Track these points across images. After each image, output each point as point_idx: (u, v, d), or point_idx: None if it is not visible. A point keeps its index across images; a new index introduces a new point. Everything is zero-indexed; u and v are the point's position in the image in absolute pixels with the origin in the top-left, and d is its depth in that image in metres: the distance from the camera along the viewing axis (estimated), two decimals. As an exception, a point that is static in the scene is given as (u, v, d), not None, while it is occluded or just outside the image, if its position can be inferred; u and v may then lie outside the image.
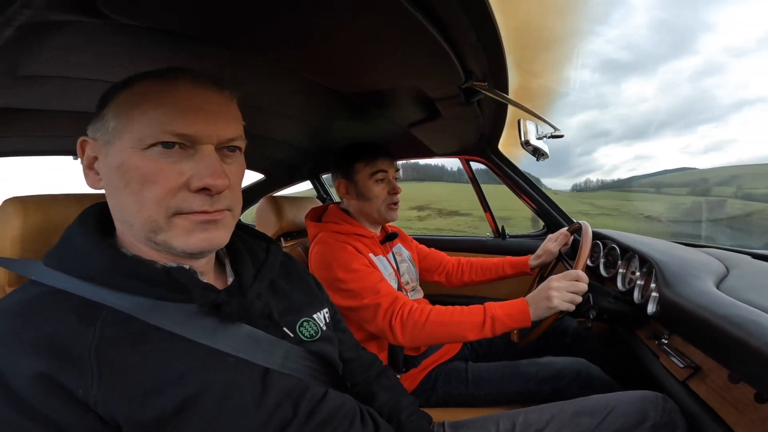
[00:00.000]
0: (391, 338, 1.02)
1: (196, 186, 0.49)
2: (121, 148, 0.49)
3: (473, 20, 0.62)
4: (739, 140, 52.67)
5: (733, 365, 0.66)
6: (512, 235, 1.89)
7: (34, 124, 0.89)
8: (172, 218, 0.50)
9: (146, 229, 0.50)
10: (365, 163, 1.21)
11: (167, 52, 0.65)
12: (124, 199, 0.50)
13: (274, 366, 0.56)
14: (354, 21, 0.57)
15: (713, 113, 51.24)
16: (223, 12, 0.53)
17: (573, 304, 0.93)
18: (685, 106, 51.14)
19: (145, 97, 0.49)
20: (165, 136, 0.48)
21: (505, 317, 0.94)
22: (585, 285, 0.94)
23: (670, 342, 0.88)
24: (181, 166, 0.49)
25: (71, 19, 0.48)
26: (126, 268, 0.50)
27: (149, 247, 0.53)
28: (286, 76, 0.81)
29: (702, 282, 0.84)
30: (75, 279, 0.49)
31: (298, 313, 0.67)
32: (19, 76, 0.64)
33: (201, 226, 0.51)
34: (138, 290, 0.50)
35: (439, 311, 1.00)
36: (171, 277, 0.51)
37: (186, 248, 0.51)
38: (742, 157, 57.51)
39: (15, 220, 0.61)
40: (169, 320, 0.50)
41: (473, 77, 0.81)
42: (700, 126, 53.07)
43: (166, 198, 0.49)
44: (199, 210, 0.50)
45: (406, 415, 0.76)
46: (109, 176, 0.51)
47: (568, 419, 0.79)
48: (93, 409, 0.43)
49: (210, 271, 0.61)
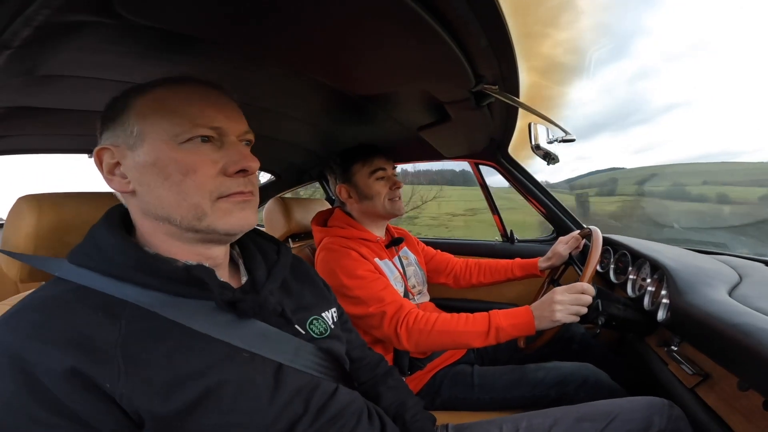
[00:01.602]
0: (397, 344, 1.03)
1: (233, 170, 0.55)
2: (153, 147, 0.53)
3: (484, 24, 0.62)
4: (668, 141, 49.76)
5: (743, 373, 0.65)
6: (521, 239, 1.88)
7: (50, 122, 0.91)
8: (216, 202, 0.55)
9: (191, 216, 0.54)
10: (362, 163, 1.22)
11: (181, 54, 0.66)
12: (164, 193, 0.53)
13: (285, 361, 0.58)
14: (364, 24, 0.57)
15: (646, 115, 49.94)
16: (235, 15, 0.54)
17: (577, 317, 0.93)
18: (622, 109, 50.59)
19: (165, 100, 0.54)
20: (201, 130, 0.54)
21: (509, 327, 0.94)
22: (590, 298, 0.94)
23: (680, 349, 0.87)
24: (214, 156, 0.55)
25: (88, 19, 0.49)
26: (149, 264, 0.53)
27: (181, 241, 0.56)
28: (296, 78, 0.82)
29: (714, 290, 0.83)
30: (99, 276, 0.51)
31: (308, 311, 0.69)
32: (38, 76, 0.65)
33: (239, 206, 0.57)
34: (159, 286, 0.52)
35: (445, 320, 1.00)
36: (191, 274, 0.53)
37: (229, 228, 0.56)
38: (670, 157, 53.85)
39: (29, 217, 0.63)
40: (188, 316, 0.52)
41: (484, 81, 0.81)
42: (634, 127, 51.87)
43: (209, 184, 0.54)
44: (237, 191, 0.56)
45: (410, 415, 0.76)
46: (143, 174, 0.53)
47: (571, 424, 0.78)
48: (118, 403, 0.44)
49: (225, 268, 0.64)
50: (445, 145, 1.51)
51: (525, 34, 0.69)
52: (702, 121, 39.03)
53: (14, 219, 0.64)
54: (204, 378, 0.49)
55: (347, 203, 1.27)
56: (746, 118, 25.06)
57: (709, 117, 39.81)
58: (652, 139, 36.73)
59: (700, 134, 30.90)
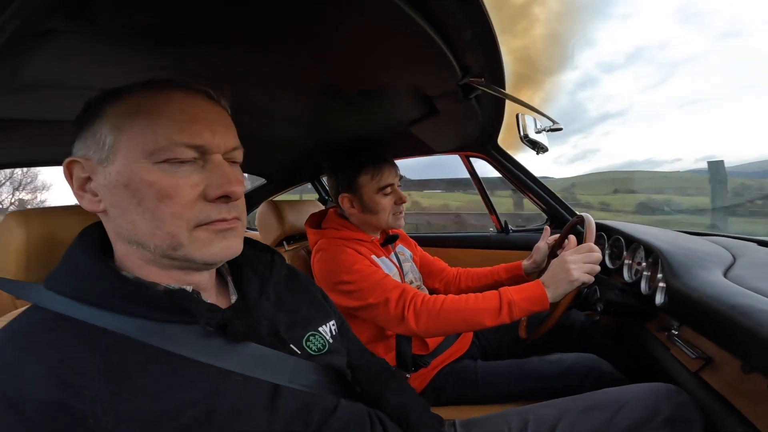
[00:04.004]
0: (405, 330, 1.00)
1: (215, 195, 0.50)
2: (125, 165, 0.48)
3: (468, 16, 0.62)
4: (600, 150, 54.84)
5: (745, 355, 0.65)
6: (515, 229, 1.89)
7: (32, 134, 0.89)
8: (194, 230, 0.50)
9: (165, 245, 0.49)
10: (371, 176, 1.18)
11: (164, 55, 0.64)
12: (136, 218, 0.48)
13: (282, 382, 0.55)
14: (350, 20, 0.56)
15: (583, 124, 51.89)
16: (218, 13, 0.52)
17: (592, 276, 0.91)
18: (562, 117, 50.95)
19: (142, 109, 0.49)
20: (180, 150, 0.48)
21: (521, 301, 0.92)
22: (599, 255, 0.93)
23: (681, 333, 0.87)
24: (193, 178, 0.49)
25: (63, 27, 0.48)
26: (128, 291, 0.49)
27: (157, 267, 0.52)
28: (284, 76, 0.80)
29: (709, 271, 0.84)
30: (77, 303, 0.48)
31: (304, 327, 0.66)
32: (15, 87, 0.63)
33: (220, 235, 0.51)
34: (142, 314, 0.49)
35: (453, 299, 0.98)
36: (174, 300, 0.50)
37: (207, 258, 0.51)
38: (601, 165, 61.07)
39: (18, 233, 0.62)
40: (175, 343, 0.49)
41: (470, 73, 0.81)
42: (572, 136, 53.96)
43: (186, 211, 0.49)
44: (218, 218, 0.51)
45: (415, 416, 0.75)
46: (114, 195, 0.49)
47: (579, 414, 0.78)
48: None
49: (212, 288, 0.60)
50: (436, 140, 1.51)
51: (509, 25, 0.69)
52: (632, 131, 40.38)
53: (2, 236, 0.63)
54: (196, 406, 0.47)
55: (348, 212, 1.25)
56: (670, 130, 26.03)
57: (639, 127, 41.10)
58: (586, 147, 37.77)
59: (630, 144, 31.97)
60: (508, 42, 0.79)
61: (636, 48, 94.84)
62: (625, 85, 71.76)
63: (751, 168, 6.77)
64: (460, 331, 1.14)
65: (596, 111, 53.69)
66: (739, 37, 58.88)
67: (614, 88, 72.24)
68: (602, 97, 65.30)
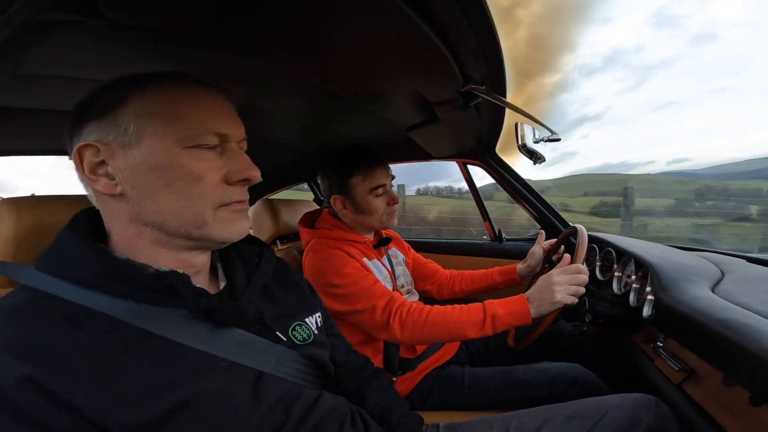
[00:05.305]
0: (391, 338, 1.02)
1: (237, 178, 0.55)
2: (154, 149, 0.50)
3: (473, 25, 0.63)
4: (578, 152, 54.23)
5: (728, 369, 0.66)
6: (509, 238, 1.90)
7: (33, 123, 0.88)
8: (217, 210, 0.54)
9: (190, 224, 0.52)
10: (363, 177, 1.18)
11: (167, 54, 0.65)
12: (164, 199, 0.51)
13: (267, 369, 0.56)
14: (354, 24, 0.57)
15: (562, 127, 51.43)
16: (222, 14, 0.53)
17: (576, 297, 0.93)
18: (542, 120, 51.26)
19: (173, 97, 0.51)
20: (208, 136, 0.52)
21: (505, 315, 0.94)
22: (586, 277, 0.94)
23: (666, 345, 0.89)
24: (217, 163, 0.54)
25: (71, 19, 0.48)
26: (116, 272, 0.50)
27: (167, 248, 0.54)
28: (285, 78, 0.81)
29: (697, 286, 0.85)
30: (65, 283, 0.49)
31: (290, 317, 0.68)
32: (19, 76, 0.63)
33: (238, 215, 0.57)
34: (129, 295, 0.49)
35: (439, 311, 0.99)
36: (163, 282, 0.51)
37: (227, 237, 0.56)
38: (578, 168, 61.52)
39: (8, 221, 0.62)
40: (161, 325, 0.50)
41: (472, 81, 0.82)
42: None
43: (213, 192, 0.53)
44: (237, 199, 0.56)
45: (396, 416, 0.76)
46: (139, 177, 0.50)
47: (561, 422, 0.79)
48: (82, 414, 0.42)
49: (204, 275, 0.61)
50: (434, 145, 1.52)
51: (513, 35, 0.70)
52: (608, 134, 40.69)
53: None
54: (179, 389, 0.47)
55: (340, 213, 1.25)
56: (645, 132, 26.24)
57: (615, 130, 41.42)
58: (565, 150, 38.07)
59: (606, 146, 32.19)
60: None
61: (613, 51, 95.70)
62: (602, 88, 72.18)
63: (718, 170, 6.95)
64: (444, 341, 1.17)
65: (575, 114, 54.60)
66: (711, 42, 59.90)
67: (593, 91, 72.44)
68: (580, 100, 65.65)
